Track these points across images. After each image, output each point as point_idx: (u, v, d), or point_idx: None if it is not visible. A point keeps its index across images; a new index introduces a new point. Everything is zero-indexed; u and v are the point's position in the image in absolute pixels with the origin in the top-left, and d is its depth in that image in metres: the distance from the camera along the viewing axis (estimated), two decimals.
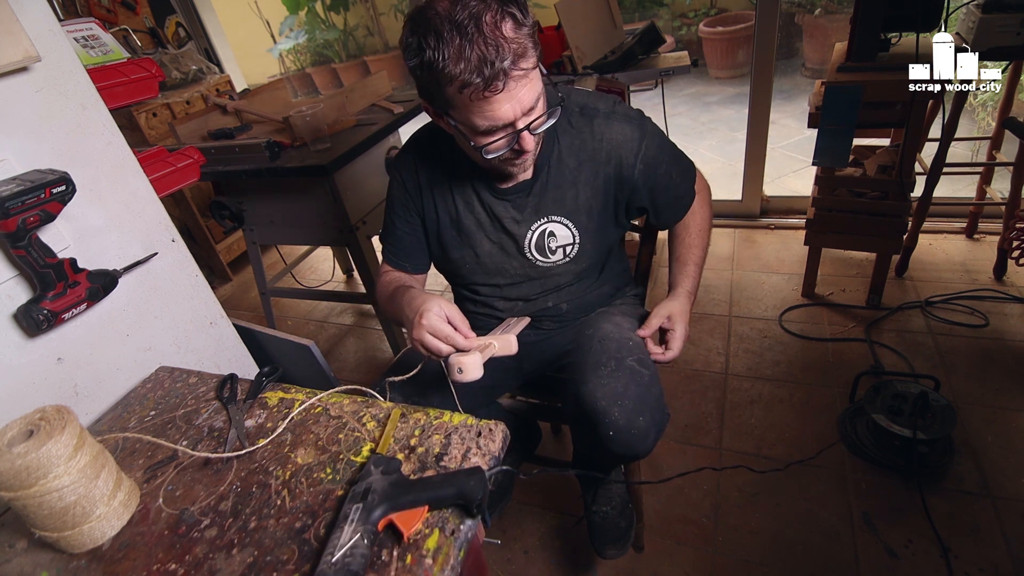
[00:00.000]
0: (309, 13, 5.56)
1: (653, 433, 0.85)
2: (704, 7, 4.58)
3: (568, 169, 0.92)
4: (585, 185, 0.92)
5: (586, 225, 0.95)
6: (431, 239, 1.02)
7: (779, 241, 2.30)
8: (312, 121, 1.61)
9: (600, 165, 0.91)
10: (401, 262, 1.04)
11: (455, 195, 0.97)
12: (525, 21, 0.72)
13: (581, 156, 0.91)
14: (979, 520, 1.21)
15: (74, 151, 0.83)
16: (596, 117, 0.90)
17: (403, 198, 1.00)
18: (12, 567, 0.63)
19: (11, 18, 0.72)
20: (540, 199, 0.93)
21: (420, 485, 0.57)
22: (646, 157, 0.92)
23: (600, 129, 0.90)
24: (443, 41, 0.69)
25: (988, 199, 1.97)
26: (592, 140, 0.90)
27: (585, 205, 0.93)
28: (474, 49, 0.68)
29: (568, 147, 0.91)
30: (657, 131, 0.95)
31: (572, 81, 1.93)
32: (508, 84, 0.71)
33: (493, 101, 0.73)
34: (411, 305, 0.83)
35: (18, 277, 0.79)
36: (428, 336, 0.76)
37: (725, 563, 1.22)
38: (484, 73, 0.69)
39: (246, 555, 0.58)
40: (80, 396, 0.86)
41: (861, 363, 1.65)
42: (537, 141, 0.83)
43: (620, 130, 0.90)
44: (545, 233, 0.95)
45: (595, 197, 0.93)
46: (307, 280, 2.63)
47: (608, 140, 0.90)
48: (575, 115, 0.91)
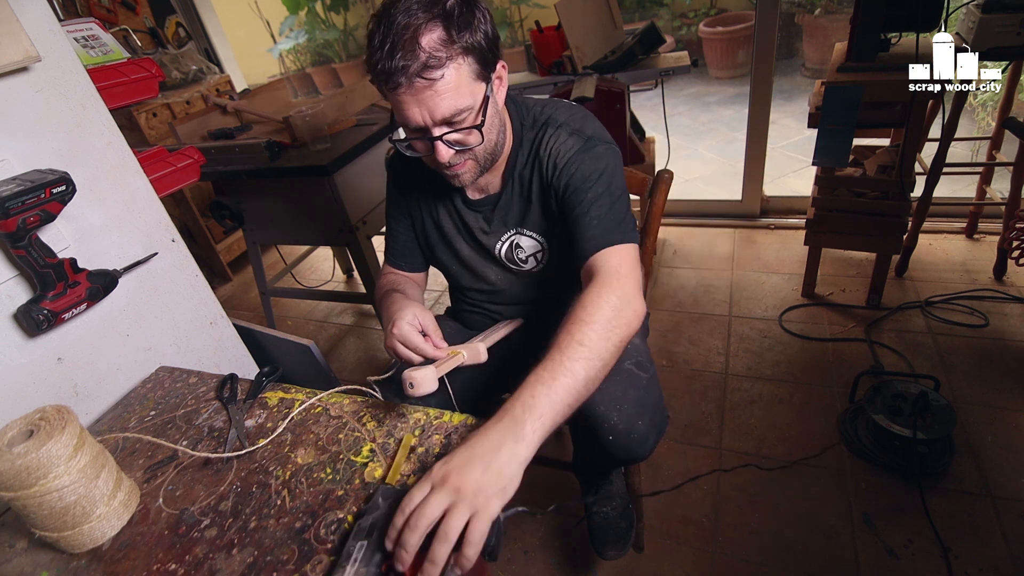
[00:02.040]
0: (309, 13, 5.56)
1: (653, 436, 0.85)
2: (704, 7, 4.58)
3: (526, 181, 0.92)
4: (538, 195, 0.91)
5: (552, 233, 0.94)
6: (420, 239, 1.04)
7: (779, 241, 2.30)
8: (312, 121, 1.61)
9: (545, 176, 0.89)
10: (397, 261, 1.06)
11: (436, 199, 0.98)
12: (458, 38, 0.72)
13: (533, 166, 0.91)
14: (979, 520, 1.21)
15: (74, 151, 0.83)
16: (549, 126, 0.89)
17: (396, 197, 1.02)
18: (12, 567, 0.63)
19: (11, 18, 0.72)
20: (506, 212, 0.94)
21: None
22: (574, 170, 0.85)
23: (548, 137, 0.88)
24: (379, 30, 0.72)
25: (988, 199, 1.97)
26: (542, 150, 0.89)
27: (543, 216, 0.93)
28: (386, 43, 0.71)
29: (527, 160, 0.91)
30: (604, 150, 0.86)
31: (572, 81, 1.93)
32: (411, 87, 0.73)
33: (398, 98, 0.75)
34: (388, 311, 0.85)
35: (18, 277, 0.79)
36: (398, 344, 0.78)
37: (725, 563, 1.22)
38: (387, 68, 0.72)
39: (246, 555, 0.58)
40: (80, 396, 0.86)
41: (861, 363, 1.65)
42: (460, 156, 0.82)
43: (564, 140, 0.87)
44: (513, 245, 0.96)
45: (546, 208, 0.92)
46: (307, 280, 2.63)
47: (550, 148, 0.88)
48: (538, 128, 0.90)
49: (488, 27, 0.76)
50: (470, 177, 0.87)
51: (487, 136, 0.82)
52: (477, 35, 0.74)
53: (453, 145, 0.80)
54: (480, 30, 0.75)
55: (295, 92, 5.83)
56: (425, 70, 0.71)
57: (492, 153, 0.86)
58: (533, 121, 0.91)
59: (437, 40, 0.72)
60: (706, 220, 2.51)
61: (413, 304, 0.83)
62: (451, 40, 0.72)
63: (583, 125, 0.89)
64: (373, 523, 0.53)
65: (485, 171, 0.89)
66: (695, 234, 2.45)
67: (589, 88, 1.83)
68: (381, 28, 0.72)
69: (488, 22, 0.76)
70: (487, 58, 0.76)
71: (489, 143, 0.84)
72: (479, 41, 0.74)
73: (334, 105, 1.82)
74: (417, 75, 0.72)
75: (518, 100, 0.93)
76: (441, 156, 0.80)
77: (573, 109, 0.92)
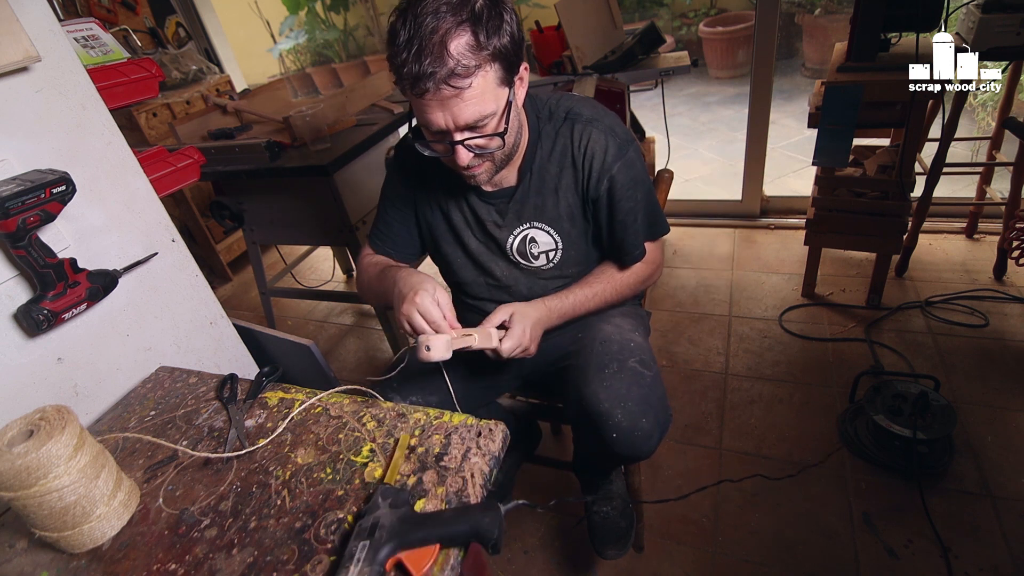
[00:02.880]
0: (309, 13, 5.56)
1: (656, 434, 0.85)
2: (704, 7, 4.58)
3: (550, 175, 0.91)
4: (566, 191, 0.91)
5: (568, 231, 0.94)
6: (423, 231, 1.03)
7: (779, 241, 2.30)
8: (312, 121, 1.61)
9: (579, 172, 0.90)
10: (386, 248, 1.04)
11: (446, 191, 0.98)
12: (487, 44, 0.71)
13: (563, 162, 0.90)
14: (979, 520, 1.21)
15: (74, 151, 0.83)
16: (577, 122, 0.89)
17: (399, 188, 1.01)
18: (12, 567, 0.63)
19: (11, 18, 0.72)
20: (522, 205, 0.94)
21: (431, 521, 0.54)
22: (612, 181, 0.89)
23: (579, 134, 0.89)
24: (404, 27, 0.71)
25: (988, 199, 1.97)
26: (571, 145, 0.89)
27: (567, 211, 0.93)
28: (413, 44, 0.69)
29: (551, 153, 0.91)
30: (636, 163, 0.90)
31: (572, 81, 1.93)
32: (438, 94, 0.72)
33: (423, 103, 0.74)
34: (407, 281, 0.84)
35: (18, 277, 0.79)
36: (416, 314, 0.78)
37: (725, 563, 1.22)
38: (414, 72, 0.70)
39: (246, 555, 0.58)
40: (80, 396, 0.86)
41: (861, 363, 1.65)
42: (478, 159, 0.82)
43: (598, 140, 0.88)
44: (527, 239, 0.96)
45: (575, 203, 0.92)
46: (307, 280, 2.63)
47: (585, 146, 0.88)
48: (560, 121, 0.90)
49: (515, 28, 0.75)
50: (486, 177, 0.87)
51: (507, 140, 0.81)
52: (504, 39, 0.73)
53: (473, 149, 0.80)
54: (507, 33, 0.73)
55: (295, 92, 5.81)
56: (453, 78, 0.70)
57: (510, 154, 0.86)
58: (550, 114, 0.91)
59: (466, 46, 0.70)
60: (706, 220, 2.51)
61: (430, 279, 0.83)
62: (479, 46, 0.71)
63: (611, 122, 0.90)
64: (374, 523, 0.54)
65: (501, 170, 0.89)
66: (695, 234, 2.45)
67: (589, 88, 1.83)
68: (408, 26, 0.70)
69: (514, 23, 0.75)
70: (512, 62, 0.76)
71: (509, 146, 0.84)
72: (506, 45, 0.73)
73: (334, 105, 1.82)
74: (444, 82, 0.70)
75: (530, 93, 0.92)
76: (461, 160, 0.80)
77: (590, 102, 0.93)
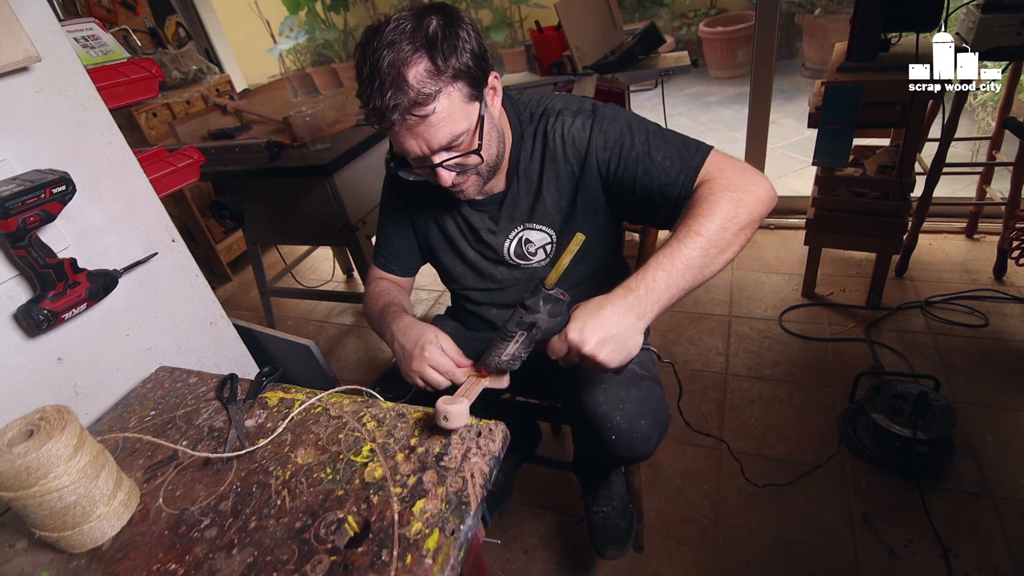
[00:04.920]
0: (309, 13, 5.56)
1: (655, 436, 0.85)
2: (704, 7, 4.58)
3: (533, 176, 0.91)
4: (550, 188, 0.91)
5: (561, 225, 0.94)
6: (421, 242, 1.04)
7: (779, 241, 2.30)
8: (312, 121, 1.61)
9: (560, 164, 0.89)
10: (390, 264, 1.05)
11: (439, 203, 0.98)
12: (445, 67, 0.71)
13: (543, 160, 0.90)
14: (979, 520, 1.21)
15: (74, 151, 0.83)
16: (549, 116, 0.89)
17: (394, 199, 1.02)
18: (12, 567, 0.63)
19: (11, 18, 0.72)
20: (513, 209, 0.94)
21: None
22: (603, 138, 0.86)
23: (553, 129, 0.89)
24: (365, 63, 0.72)
25: (988, 199, 1.97)
26: (549, 142, 0.89)
27: (555, 207, 0.92)
28: (375, 80, 0.71)
29: (532, 153, 0.91)
30: (613, 112, 0.87)
31: (572, 81, 1.93)
32: (405, 123, 0.73)
33: (395, 134, 0.75)
34: (407, 334, 0.84)
35: (18, 277, 0.79)
36: (429, 369, 0.79)
37: (725, 563, 1.22)
38: (378, 107, 0.71)
39: (246, 555, 0.58)
40: (80, 396, 0.86)
41: (861, 363, 1.65)
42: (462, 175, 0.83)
43: (571, 124, 0.88)
44: (522, 240, 0.96)
45: (563, 198, 0.92)
46: (307, 280, 2.62)
47: (562, 137, 0.88)
48: (536, 120, 0.90)
49: (474, 44, 0.75)
50: (475, 190, 0.87)
51: (486, 153, 0.81)
52: (463, 57, 0.73)
53: (454, 168, 0.80)
54: (466, 51, 0.73)
55: (295, 92, 5.83)
56: (415, 107, 0.71)
57: (494, 165, 0.86)
58: (531, 115, 0.91)
59: (424, 73, 0.71)
60: None
61: (430, 327, 0.84)
62: (438, 71, 0.71)
63: (580, 104, 0.89)
64: (533, 321, 0.68)
65: (489, 180, 0.89)
66: None
67: (589, 88, 1.83)
68: (367, 62, 0.71)
69: (473, 39, 0.75)
70: (477, 77, 0.76)
71: (490, 158, 0.84)
72: (466, 63, 0.73)
73: (334, 105, 1.83)
74: (408, 112, 0.71)
75: (513, 97, 0.92)
76: (443, 181, 0.80)
77: (566, 96, 0.93)
